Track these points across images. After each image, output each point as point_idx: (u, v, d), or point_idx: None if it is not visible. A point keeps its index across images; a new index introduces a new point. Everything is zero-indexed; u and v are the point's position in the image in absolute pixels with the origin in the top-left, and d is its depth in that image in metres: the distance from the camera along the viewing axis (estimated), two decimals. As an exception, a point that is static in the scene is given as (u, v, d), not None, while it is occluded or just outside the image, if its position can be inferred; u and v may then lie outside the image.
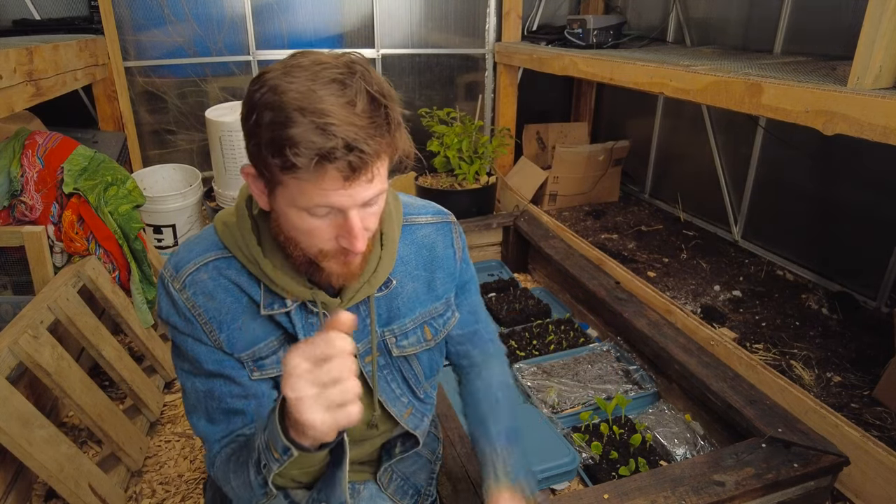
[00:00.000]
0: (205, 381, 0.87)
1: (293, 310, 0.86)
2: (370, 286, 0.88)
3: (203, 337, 0.85)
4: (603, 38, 2.97)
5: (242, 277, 0.85)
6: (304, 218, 0.73)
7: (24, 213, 1.99)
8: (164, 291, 0.85)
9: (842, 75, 1.72)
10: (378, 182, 0.72)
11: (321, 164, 0.66)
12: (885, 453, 1.48)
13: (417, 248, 0.95)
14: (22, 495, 1.63)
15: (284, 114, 0.66)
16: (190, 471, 1.83)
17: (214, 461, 0.89)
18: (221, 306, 0.84)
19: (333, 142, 0.65)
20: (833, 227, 2.52)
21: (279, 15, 3.43)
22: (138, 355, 2.22)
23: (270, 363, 0.88)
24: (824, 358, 2.04)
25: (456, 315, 1.02)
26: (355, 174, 0.68)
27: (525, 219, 3.13)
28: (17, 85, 1.92)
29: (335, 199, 0.70)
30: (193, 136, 3.53)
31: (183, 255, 0.86)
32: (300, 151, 0.65)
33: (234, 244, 0.84)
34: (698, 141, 3.20)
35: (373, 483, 1.07)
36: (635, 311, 2.23)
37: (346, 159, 0.66)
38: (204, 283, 0.84)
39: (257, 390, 0.88)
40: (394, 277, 0.91)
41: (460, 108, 3.67)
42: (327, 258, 0.77)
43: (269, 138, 0.67)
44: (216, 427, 0.88)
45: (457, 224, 1.02)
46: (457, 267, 1.00)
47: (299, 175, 0.67)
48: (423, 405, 1.04)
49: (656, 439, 1.87)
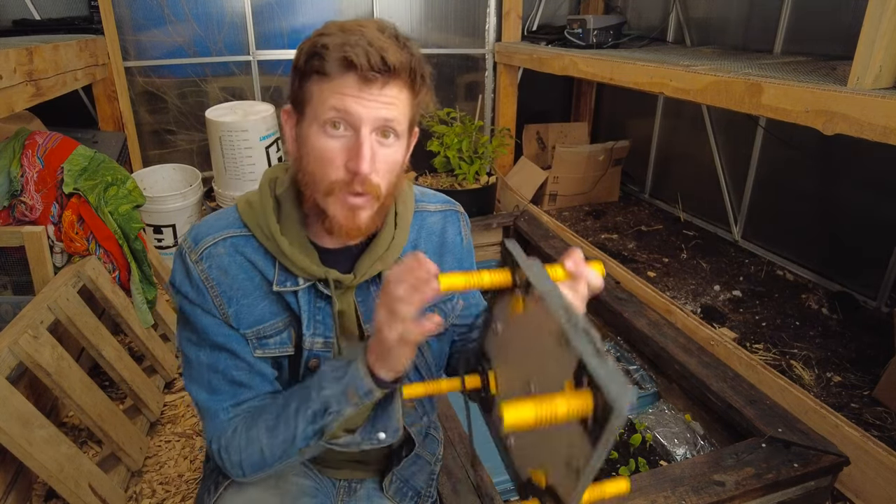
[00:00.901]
0: (209, 353, 0.88)
1: (302, 290, 0.88)
2: (383, 262, 0.90)
3: (213, 309, 0.86)
4: (603, 38, 2.96)
5: (258, 256, 0.87)
6: (321, 138, 0.77)
7: (24, 213, 1.99)
8: (181, 260, 0.87)
9: (842, 75, 1.72)
10: (395, 109, 0.77)
11: (345, 58, 0.73)
12: (885, 453, 1.48)
13: (428, 233, 0.98)
14: (22, 495, 1.63)
15: (325, 30, 0.77)
16: (190, 471, 1.83)
17: (223, 432, 0.88)
18: (234, 282, 0.86)
19: (356, 38, 0.74)
20: (833, 227, 2.52)
21: (279, 15, 3.43)
22: (138, 355, 2.22)
23: (274, 343, 0.90)
24: (824, 358, 2.04)
25: (461, 301, 1.04)
26: (371, 80, 0.74)
27: (525, 219, 3.12)
28: (17, 85, 1.92)
29: (350, 104, 0.75)
30: (193, 136, 3.53)
31: (203, 228, 0.88)
32: (328, 45, 0.74)
33: (253, 222, 0.87)
34: (698, 141, 3.20)
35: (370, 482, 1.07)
36: (635, 310, 2.23)
37: (367, 56, 0.73)
38: (220, 257, 0.86)
39: (260, 368, 0.90)
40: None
41: (460, 108, 3.67)
42: (335, 196, 0.79)
43: (307, 51, 0.77)
44: (219, 397, 0.89)
45: (464, 214, 1.05)
46: (463, 252, 1.02)
47: (323, 76, 0.75)
48: (426, 399, 1.06)
49: (656, 439, 1.87)
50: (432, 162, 3.42)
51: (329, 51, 0.74)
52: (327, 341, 0.91)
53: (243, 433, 0.86)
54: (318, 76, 0.76)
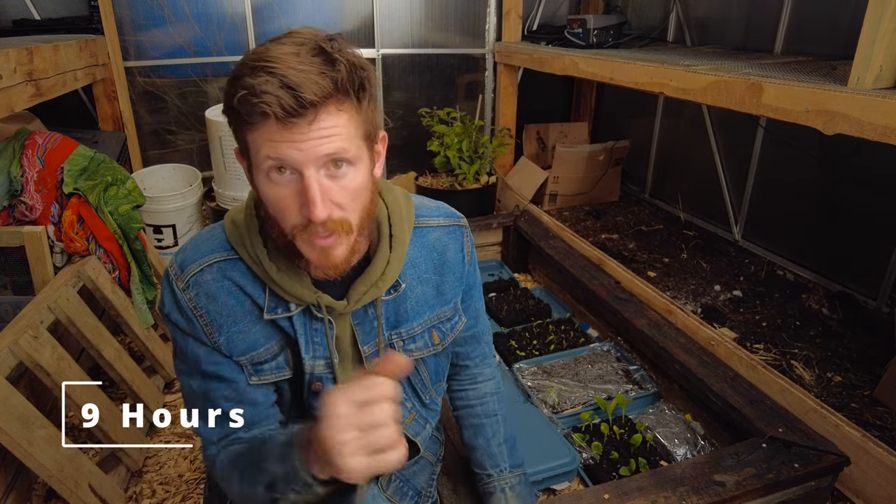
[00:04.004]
0: (201, 382, 0.87)
1: (295, 315, 0.85)
2: (377, 289, 0.86)
3: (203, 337, 0.84)
4: (603, 38, 2.96)
5: (247, 280, 0.84)
6: (269, 187, 0.72)
7: (24, 213, 1.99)
8: (169, 289, 0.85)
9: (842, 75, 1.72)
10: (337, 141, 0.69)
11: (256, 105, 0.66)
12: (885, 453, 1.48)
13: (428, 251, 0.94)
14: (22, 495, 1.63)
15: (238, 70, 0.70)
16: (190, 471, 1.83)
17: (214, 462, 0.88)
18: (223, 308, 0.84)
19: (263, 78, 0.66)
20: (833, 227, 2.52)
21: (279, 15, 3.43)
22: (138, 355, 2.22)
23: (269, 369, 0.87)
24: (825, 358, 2.04)
25: (463, 319, 1.00)
26: (292, 118, 0.66)
27: (525, 219, 3.12)
28: (17, 85, 1.92)
29: (283, 151, 0.68)
30: (193, 136, 3.53)
31: (189, 253, 0.86)
32: (236, 92, 0.67)
33: (240, 244, 0.83)
34: (699, 141, 3.20)
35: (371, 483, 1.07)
36: (635, 311, 2.22)
37: (279, 102, 0.65)
38: (207, 284, 0.83)
39: (254, 396, 0.87)
40: (403, 281, 0.90)
41: (460, 108, 3.67)
42: (301, 239, 0.75)
43: (227, 97, 0.70)
44: (210, 427, 0.88)
45: (468, 228, 1.00)
46: (465, 271, 0.98)
47: (245, 128, 0.69)
48: (427, 411, 1.03)
49: (657, 439, 1.87)
50: (432, 162, 3.42)
51: (243, 102, 0.67)
52: (328, 362, 0.88)
53: (229, 475, 0.85)
54: (244, 124, 0.70)
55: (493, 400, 1.10)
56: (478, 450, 1.06)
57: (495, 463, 1.05)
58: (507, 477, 1.03)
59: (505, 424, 1.09)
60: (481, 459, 1.06)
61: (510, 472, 1.04)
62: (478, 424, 1.07)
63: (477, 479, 1.05)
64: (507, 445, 1.07)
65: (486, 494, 1.03)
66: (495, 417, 1.08)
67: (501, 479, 1.03)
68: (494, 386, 1.11)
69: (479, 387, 1.10)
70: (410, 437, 1.00)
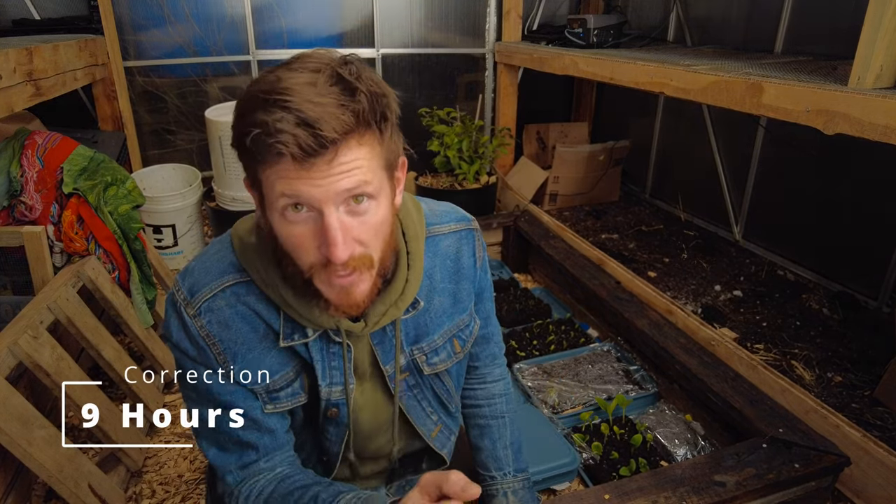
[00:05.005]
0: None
1: (312, 339, 0.81)
2: (396, 309, 0.82)
3: (216, 366, 0.80)
4: (603, 38, 2.96)
5: (261, 305, 0.79)
6: (284, 225, 0.67)
7: (24, 213, 1.99)
8: (176, 315, 0.79)
9: (843, 75, 1.72)
10: (358, 175, 0.65)
11: (272, 145, 0.61)
12: (886, 453, 1.48)
13: (442, 259, 0.90)
14: (22, 495, 1.62)
15: (246, 101, 0.64)
16: (190, 471, 1.83)
17: (233, 493, 0.86)
18: (237, 336, 0.79)
19: (279, 115, 0.60)
20: (834, 227, 2.51)
21: (279, 15, 3.43)
22: (138, 355, 2.21)
23: (285, 396, 0.84)
24: (825, 358, 2.04)
25: (478, 322, 0.98)
26: (311, 156, 0.62)
27: (525, 219, 3.12)
28: (17, 85, 1.92)
29: (300, 188, 0.63)
30: (193, 136, 3.53)
31: (199, 276, 0.80)
32: (249, 130, 0.62)
33: (252, 267, 0.78)
34: (699, 141, 3.20)
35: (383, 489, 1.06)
36: (636, 311, 2.22)
37: (296, 141, 0.60)
38: (221, 310, 0.78)
39: (271, 424, 0.85)
40: (420, 297, 0.86)
41: (460, 108, 3.67)
42: (319, 278, 0.71)
43: (235, 131, 0.65)
44: (228, 456, 0.85)
45: (479, 230, 0.96)
46: (477, 274, 0.96)
47: (259, 166, 0.64)
48: (452, 420, 1.01)
49: (657, 440, 1.87)
50: (432, 162, 3.42)
51: (255, 139, 0.62)
52: (345, 389, 0.86)
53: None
54: (257, 162, 0.65)
55: (501, 402, 1.08)
56: (483, 451, 1.06)
57: (499, 466, 1.04)
58: (510, 481, 1.02)
59: (512, 427, 1.08)
60: (486, 461, 1.05)
61: (514, 476, 1.03)
62: (484, 425, 1.06)
63: (480, 479, 1.05)
64: (512, 449, 1.06)
65: (489, 496, 1.02)
66: (502, 419, 1.07)
67: (505, 483, 1.02)
68: (504, 387, 1.10)
69: (487, 387, 1.08)
70: (437, 451, 0.99)
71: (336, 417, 0.87)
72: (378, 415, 0.91)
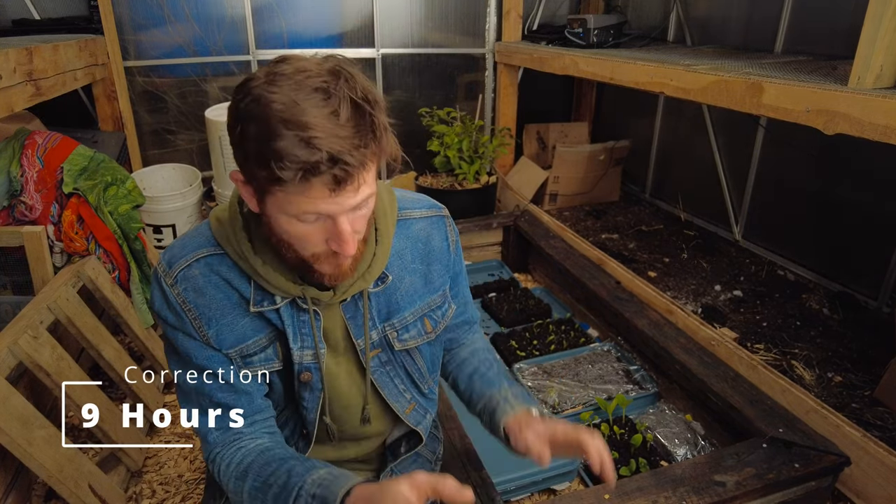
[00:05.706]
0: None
1: (282, 307, 0.87)
2: (364, 281, 0.89)
3: (192, 332, 0.87)
4: (603, 38, 2.96)
5: (233, 274, 0.86)
6: (293, 224, 0.75)
7: (24, 213, 1.99)
8: (158, 286, 0.87)
9: (843, 75, 1.72)
10: (365, 188, 0.73)
11: (306, 177, 0.67)
12: (886, 453, 1.48)
13: (413, 241, 0.97)
14: (22, 495, 1.63)
15: (268, 127, 0.66)
16: (190, 471, 1.83)
17: (215, 459, 0.91)
18: (211, 302, 0.86)
19: (318, 155, 0.66)
20: (834, 227, 2.51)
21: (279, 15, 3.43)
22: (138, 355, 2.21)
23: (258, 360, 0.90)
24: (825, 358, 2.04)
25: (452, 307, 1.04)
26: (341, 186, 0.70)
27: (525, 219, 3.12)
28: (17, 85, 1.92)
29: (323, 207, 0.72)
30: (193, 136, 3.53)
31: (176, 250, 0.88)
32: (285, 165, 0.66)
33: (225, 240, 0.86)
34: (699, 140, 3.20)
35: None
36: (636, 311, 2.22)
37: (332, 172, 0.68)
38: (195, 278, 0.85)
39: (246, 387, 0.90)
40: (389, 272, 0.93)
41: (460, 108, 3.67)
42: (319, 261, 0.79)
43: (255, 151, 0.68)
44: (207, 418, 0.91)
45: (449, 217, 1.04)
46: (451, 259, 1.01)
47: (286, 187, 0.69)
48: (426, 401, 1.05)
49: (657, 439, 1.87)
50: (432, 162, 3.42)
51: (284, 162, 0.66)
52: (316, 353, 0.91)
53: (232, 478, 0.88)
54: (281, 179, 0.68)
55: (483, 349, 1.14)
56: (474, 384, 1.08)
57: (492, 384, 1.06)
58: (505, 390, 1.04)
59: (498, 364, 1.12)
60: (480, 388, 1.06)
61: (508, 386, 1.05)
62: (472, 371, 1.09)
63: (480, 410, 1.05)
64: (503, 375, 1.09)
65: (492, 410, 1.02)
66: (488, 361, 1.11)
67: (501, 392, 1.04)
68: (483, 343, 1.16)
69: (468, 346, 1.14)
70: (412, 426, 1.02)
71: (310, 382, 0.92)
72: (352, 387, 0.96)
